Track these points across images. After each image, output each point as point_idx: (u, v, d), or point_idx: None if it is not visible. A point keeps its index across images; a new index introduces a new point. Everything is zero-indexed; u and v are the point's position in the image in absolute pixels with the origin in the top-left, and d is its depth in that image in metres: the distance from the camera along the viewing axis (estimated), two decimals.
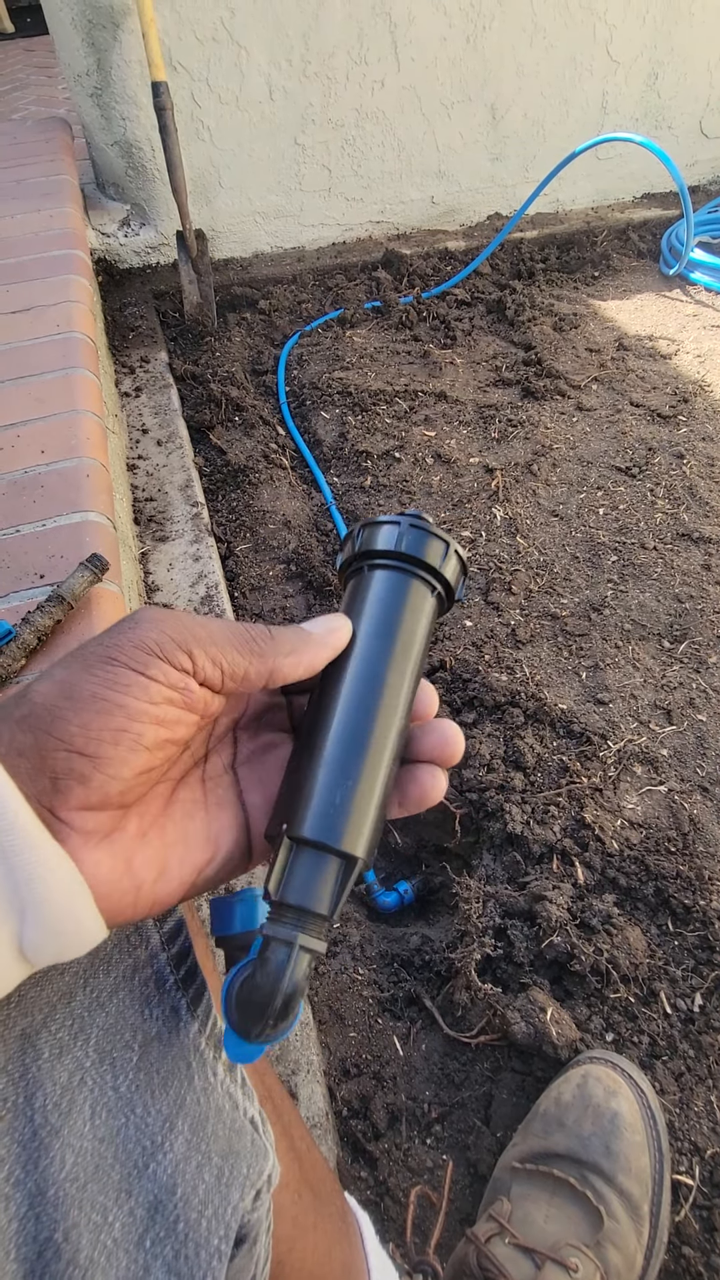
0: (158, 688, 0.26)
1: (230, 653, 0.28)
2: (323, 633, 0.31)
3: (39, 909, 0.23)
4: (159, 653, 0.26)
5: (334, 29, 1.60)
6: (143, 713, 0.25)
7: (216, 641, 0.27)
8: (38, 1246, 0.23)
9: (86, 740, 0.24)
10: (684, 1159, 0.65)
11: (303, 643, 0.30)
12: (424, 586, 0.33)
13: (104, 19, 1.45)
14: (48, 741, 0.24)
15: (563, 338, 1.66)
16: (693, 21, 1.88)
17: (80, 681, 0.25)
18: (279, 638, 0.29)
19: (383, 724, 0.30)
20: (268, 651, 0.29)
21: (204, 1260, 0.25)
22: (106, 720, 0.25)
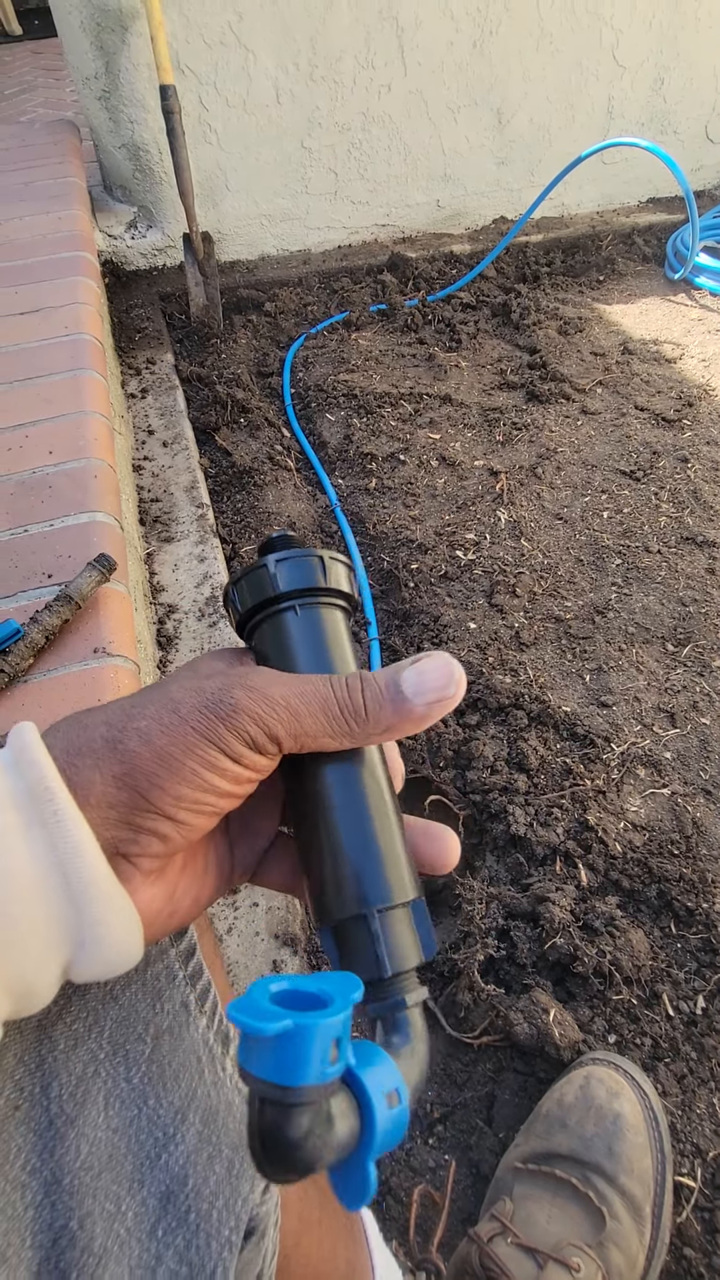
0: (245, 773, 0.27)
1: (320, 736, 0.27)
2: (425, 706, 0.27)
3: (98, 946, 0.25)
4: (253, 745, 0.26)
5: (341, 33, 1.61)
6: (229, 792, 0.27)
7: (306, 729, 0.27)
8: (53, 1234, 0.24)
9: (177, 809, 0.26)
10: (686, 1161, 0.65)
11: (400, 720, 0.28)
12: (341, 614, 0.32)
13: (112, 22, 1.46)
14: (141, 803, 0.25)
15: (567, 341, 1.66)
16: (699, 27, 1.88)
17: (180, 755, 0.26)
18: (375, 718, 0.27)
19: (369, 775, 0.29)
20: (359, 734, 0.28)
21: (215, 1251, 0.25)
22: (199, 796, 0.26)
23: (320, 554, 0.32)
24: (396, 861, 0.28)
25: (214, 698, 0.27)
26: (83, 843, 0.24)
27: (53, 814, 0.24)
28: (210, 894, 0.31)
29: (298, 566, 0.31)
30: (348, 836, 0.28)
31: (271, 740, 0.27)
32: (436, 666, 0.28)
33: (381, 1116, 0.22)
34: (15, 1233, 0.24)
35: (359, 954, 0.27)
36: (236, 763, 0.26)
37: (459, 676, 0.28)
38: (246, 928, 0.74)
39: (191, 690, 0.27)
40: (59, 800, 0.24)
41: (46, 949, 0.24)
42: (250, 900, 0.77)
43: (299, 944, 0.74)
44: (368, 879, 0.28)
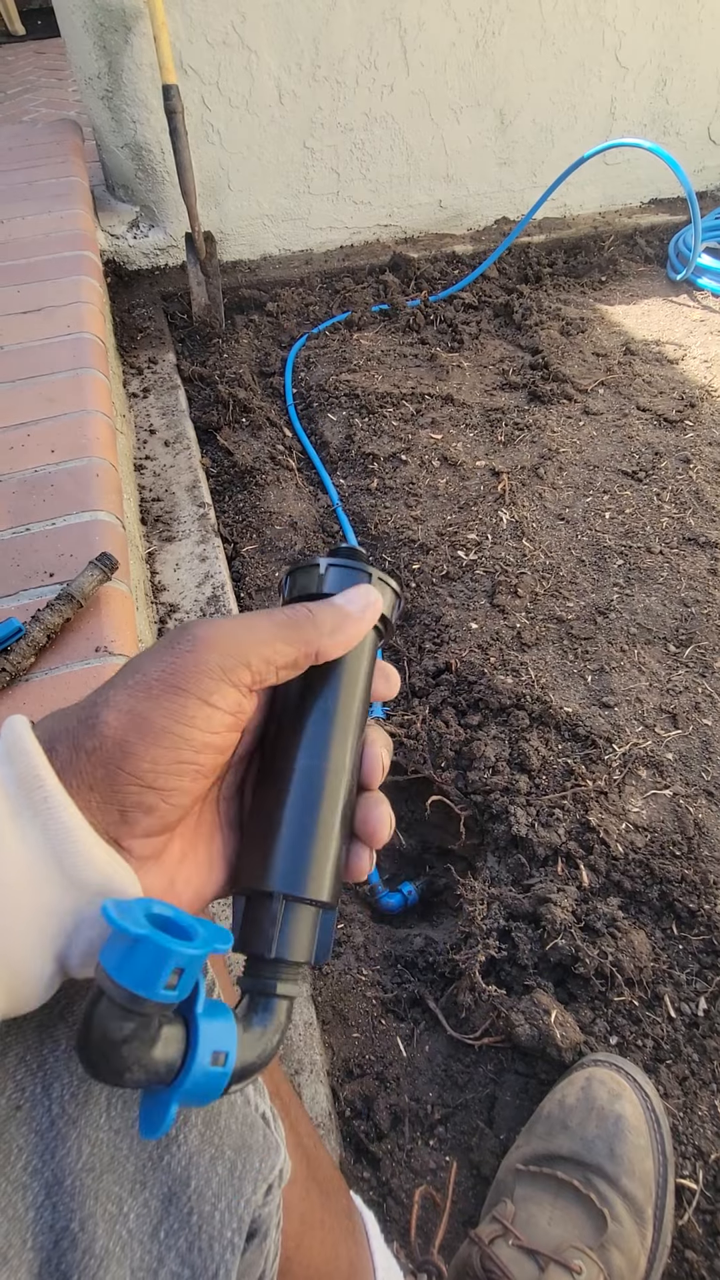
0: (220, 715, 0.27)
1: (280, 645, 0.28)
2: (359, 607, 0.32)
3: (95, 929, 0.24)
4: (221, 675, 0.26)
5: (344, 33, 1.61)
6: (207, 743, 0.27)
7: (265, 640, 0.28)
8: (54, 1235, 0.24)
9: (156, 775, 0.25)
10: (687, 1163, 0.65)
11: (343, 619, 0.31)
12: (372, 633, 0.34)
13: (115, 22, 1.46)
14: (119, 776, 0.25)
15: (569, 342, 1.66)
16: (701, 28, 1.88)
17: (150, 714, 0.25)
18: (320, 618, 0.30)
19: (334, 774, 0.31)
20: (312, 635, 0.30)
21: (217, 1252, 0.25)
22: (176, 754, 0.26)
23: (370, 570, 0.34)
24: (326, 861, 0.29)
25: (173, 640, 0.27)
26: (74, 826, 0.24)
27: (42, 800, 0.24)
28: (215, 889, 0.31)
29: (347, 575, 0.34)
30: (295, 817, 0.29)
31: (241, 664, 0.27)
32: (356, 588, 0.33)
33: (199, 1066, 0.23)
34: (16, 1234, 0.24)
35: (256, 927, 0.28)
36: (207, 703, 0.26)
37: (375, 591, 0.33)
38: None
39: (152, 650, 0.27)
40: (48, 786, 0.24)
41: (42, 939, 0.24)
42: None
43: None
44: (295, 863, 0.29)
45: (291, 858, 0.29)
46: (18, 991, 0.24)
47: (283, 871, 0.29)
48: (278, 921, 0.28)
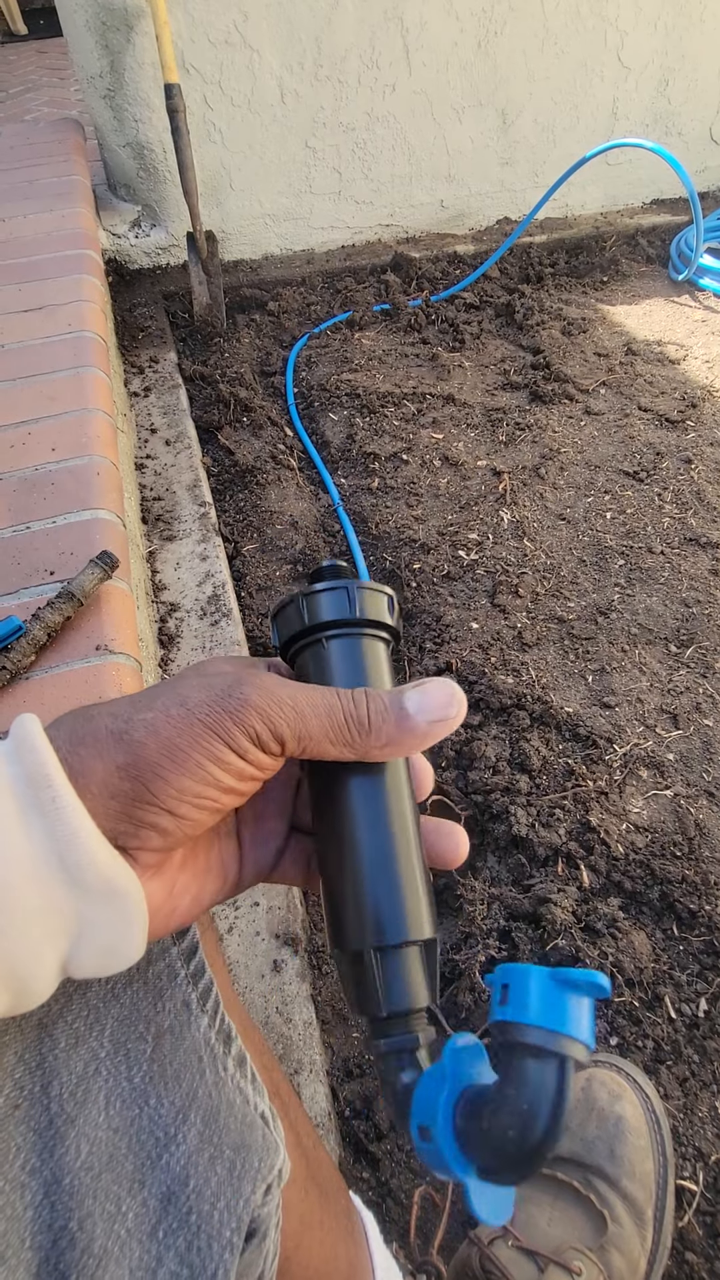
0: (251, 769, 0.27)
1: (323, 742, 0.28)
2: (428, 724, 0.28)
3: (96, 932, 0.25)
4: (258, 741, 0.26)
5: (346, 33, 1.61)
6: (232, 788, 0.27)
7: (311, 732, 0.27)
8: (53, 1235, 0.24)
9: (179, 803, 0.26)
10: (688, 1164, 0.65)
11: (403, 735, 0.28)
12: (382, 645, 0.33)
13: (118, 21, 1.46)
14: (144, 795, 0.25)
15: (571, 342, 1.66)
16: (704, 28, 1.88)
17: (186, 747, 0.26)
18: (377, 730, 0.28)
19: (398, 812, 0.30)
20: (360, 744, 0.28)
21: (216, 1252, 0.25)
22: (202, 789, 0.26)
23: (348, 585, 0.32)
24: (415, 895, 0.29)
25: (223, 692, 0.27)
26: (80, 828, 0.24)
27: (50, 800, 0.24)
28: (213, 894, 0.31)
29: (328, 600, 0.32)
30: (371, 869, 0.28)
31: (276, 739, 0.27)
32: (439, 687, 0.29)
33: None
34: (14, 1233, 0.23)
35: (365, 985, 0.28)
36: (241, 758, 0.26)
37: (460, 698, 0.29)
38: (247, 927, 0.74)
39: (200, 686, 0.27)
40: (56, 786, 0.24)
41: (43, 938, 0.24)
42: (251, 900, 0.76)
43: (299, 943, 0.74)
44: (385, 914, 0.28)
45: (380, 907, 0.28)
46: (19, 990, 0.24)
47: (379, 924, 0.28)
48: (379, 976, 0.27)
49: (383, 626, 0.33)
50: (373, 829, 0.29)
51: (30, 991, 0.24)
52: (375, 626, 0.32)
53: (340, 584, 0.32)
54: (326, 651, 0.32)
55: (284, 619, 0.33)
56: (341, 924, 0.29)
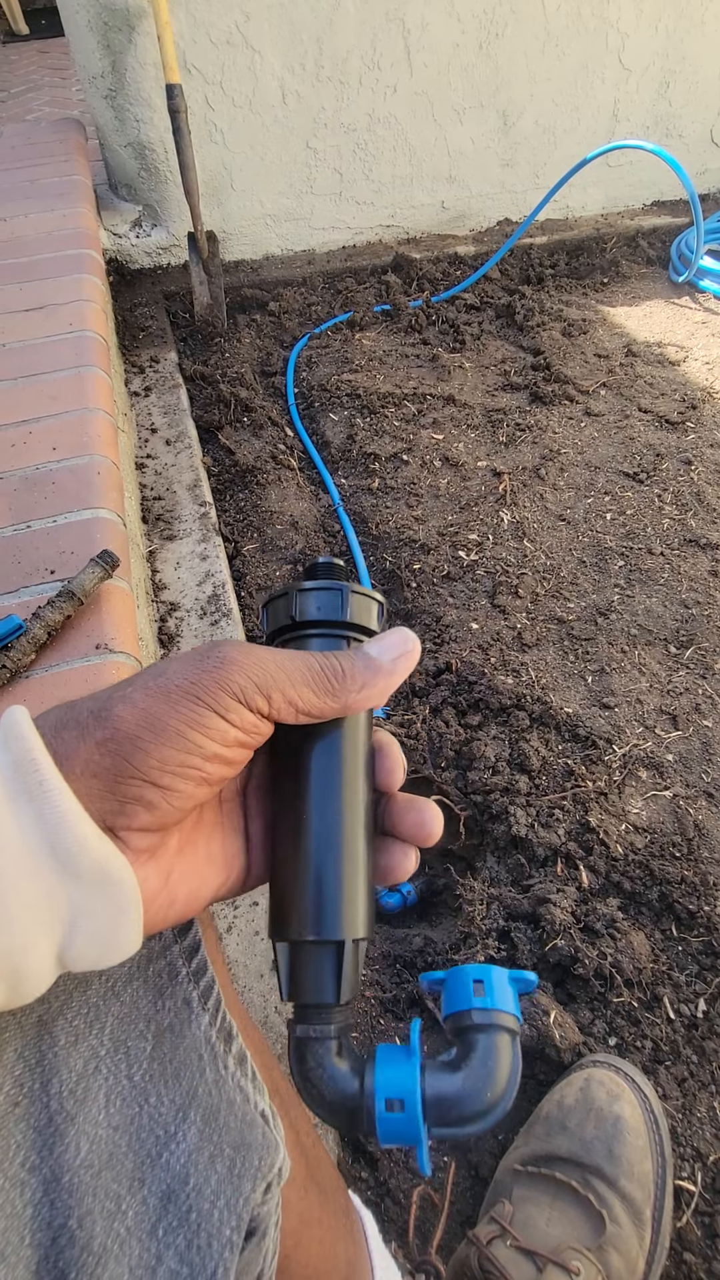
0: (235, 732, 0.27)
1: (306, 693, 0.28)
2: (392, 662, 0.31)
3: (92, 919, 0.24)
4: (241, 698, 0.27)
5: (348, 34, 1.61)
6: (216, 754, 0.27)
7: (294, 682, 0.28)
8: (52, 1233, 0.24)
9: (161, 773, 0.26)
10: (686, 1164, 0.65)
11: (374, 675, 0.30)
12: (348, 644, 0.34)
13: (119, 22, 1.46)
14: (125, 768, 0.25)
15: (571, 343, 1.66)
16: (705, 31, 1.88)
17: (164, 715, 0.26)
18: (351, 674, 0.30)
19: (351, 810, 0.31)
20: (342, 690, 0.29)
21: (215, 1251, 0.25)
22: (184, 758, 0.26)
23: (341, 587, 0.33)
24: (353, 896, 0.30)
25: (202, 655, 0.27)
26: (69, 811, 0.24)
27: (38, 784, 0.24)
28: (215, 887, 0.31)
29: (320, 599, 0.33)
30: (317, 865, 0.30)
31: (261, 693, 0.27)
32: (392, 632, 0.32)
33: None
34: (14, 1231, 0.23)
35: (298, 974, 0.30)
36: (224, 718, 0.26)
37: (413, 637, 0.32)
38: (246, 926, 0.74)
39: (179, 659, 0.28)
40: (44, 770, 0.24)
41: (37, 929, 0.24)
42: (250, 899, 0.76)
43: None
44: (325, 911, 0.29)
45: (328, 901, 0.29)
46: (14, 981, 0.24)
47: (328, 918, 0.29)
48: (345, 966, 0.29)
49: (368, 633, 0.33)
50: (323, 826, 0.30)
51: (26, 983, 0.24)
52: (361, 632, 0.33)
53: (334, 585, 0.33)
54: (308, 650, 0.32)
55: (274, 610, 0.33)
56: (284, 914, 0.30)
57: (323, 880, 0.30)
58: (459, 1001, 0.31)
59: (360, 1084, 0.29)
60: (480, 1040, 0.30)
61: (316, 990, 0.29)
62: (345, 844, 0.30)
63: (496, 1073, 0.29)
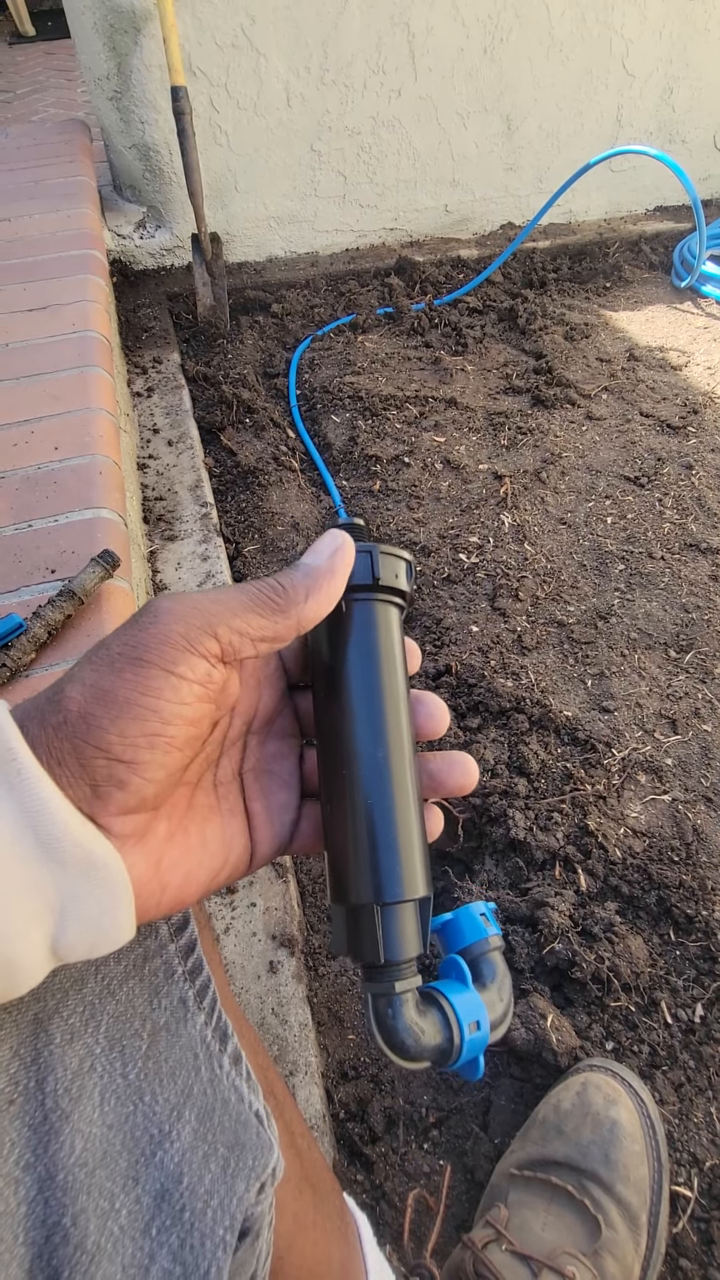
0: (188, 686, 0.26)
1: (253, 619, 0.28)
2: (327, 562, 0.31)
3: (81, 905, 0.24)
4: (186, 645, 0.26)
5: (353, 38, 1.61)
6: (175, 714, 0.26)
7: (236, 612, 0.27)
8: (46, 1230, 0.24)
9: (124, 747, 0.25)
10: (683, 1170, 0.65)
11: (315, 580, 0.30)
12: (395, 610, 0.34)
13: (125, 24, 1.47)
14: (86, 750, 0.25)
15: (573, 347, 1.67)
16: (709, 37, 1.89)
17: (113, 687, 0.25)
18: (291, 586, 0.29)
19: (400, 772, 0.31)
20: (287, 604, 0.29)
21: (209, 1250, 0.25)
22: (142, 726, 0.25)
23: (371, 549, 0.33)
24: (411, 856, 0.31)
25: (136, 616, 0.27)
26: (50, 799, 0.23)
27: (16, 773, 0.23)
28: (212, 873, 0.30)
29: (394, 563, 0.33)
30: (377, 828, 0.31)
31: (207, 633, 0.26)
32: (321, 538, 0.32)
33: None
34: (8, 1229, 0.23)
35: (362, 936, 0.31)
36: (172, 673, 0.26)
37: (340, 532, 0.32)
38: (244, 928, 0.74)
39: (120, 627, 0.27)
40: (21, 759, 0.24)
41: (27, 918, 0.23)
42: (248, 901, 0.76)
43: (296, 945, 0.74)
44: (383, 870, 0.30)
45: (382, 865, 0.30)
46: (7, 972, 0.23)
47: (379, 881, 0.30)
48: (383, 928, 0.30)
49: (398, 593, 0.34)
50: (378, 794, 0.31)
51: (19, 973, 0.24)
52: (392, 593, 0.33)
53: (364, 547, 0.33)
54: (345, 614, 0.33)
55: None
56: (344, 880, 0.31)
57: (391, 844, 0.30)
58: (475, 933, 0.38)
59: (446, 1020, 0.32)
60: (498, 960, 0.37)
61: (403, 946, 0.30)
62: (405, 806, 0.31)
63: (510, 983, 0.37)
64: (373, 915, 0.30)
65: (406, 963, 0.31)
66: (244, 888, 0.77)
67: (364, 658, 0.32)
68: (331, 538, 0.31)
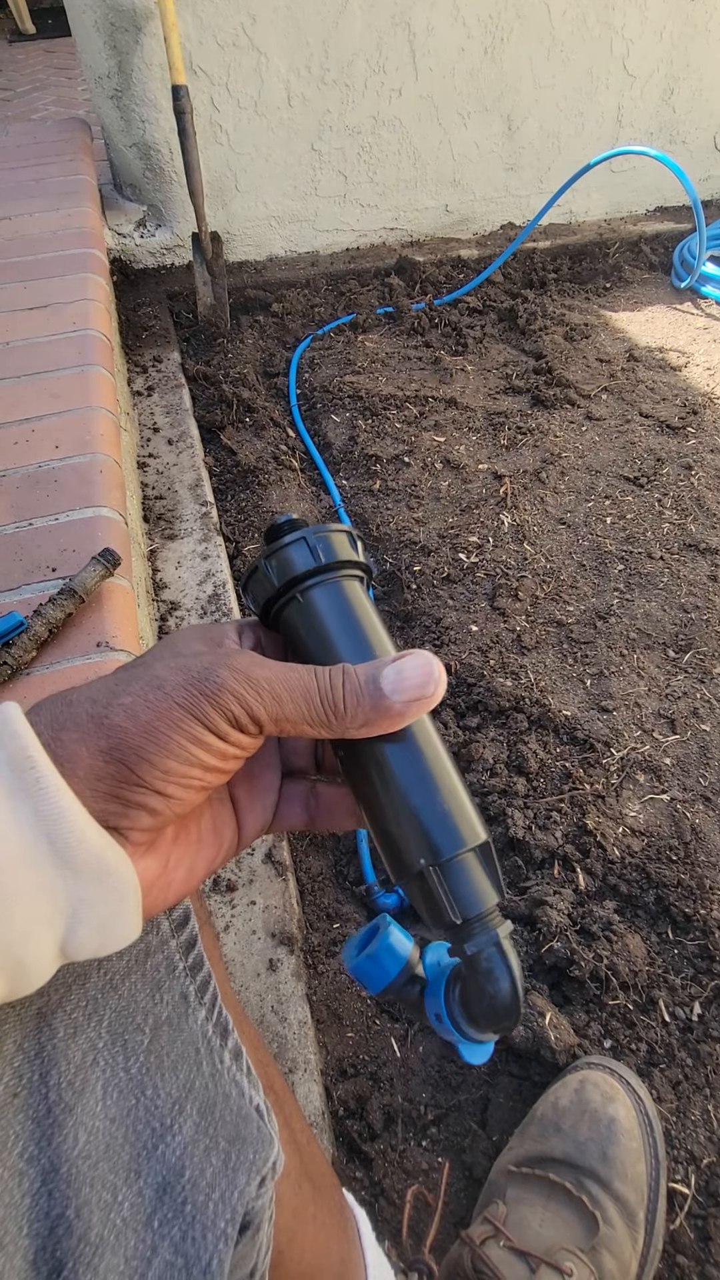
0: (231, 749, 0.27)
1: (300, 724, 0.28)
2: (403, 703, 0.28)
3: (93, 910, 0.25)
4: (235, 723, 0.27)
5: (354, 37, 1.61)
6: (215, 766, 0.27)
7: (287, 714, 0.28)
8: (50, 1222, 0.24)
9: (166, 784, 0.26)
10: (680, 1167, 0.65)
11: (378, 716, 0.28)
12: (357, 582, 0.33)
13: (126, 22, 1.47)
14: (130, 777, 0.26)
15: (573, 347, 1.67)
16: (709, 38, 1.89)
17: (166, 729, 0.26)
18: (352, 710, 0.28)
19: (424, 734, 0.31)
20: (339, 725, 0.28)
21: (210, 1242, 0.25)
22: (186, 770, 0.26)
23: (305, 535, 0.32)
24: (462, 808, 0.30)
25: (199, 675, 0.27)
26: (68, 809, 0.24)
27: (34, 781, 0.24)
28: (208, 862, 0.31)
29: (291, 554, 0.32)
30: (411, 795, 0.30)
31: (253, 721, 0.27)
32: (417, 665, 0.28)
33: None
34: (12, 1220, 0.24)
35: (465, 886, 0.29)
36: (221, 739, 0.27)
37: (439, 675, 0.29)
38: (243, 926, 0.74)
39: (176, 669, 0.27)
40: (40, 768, 0.24)
41: (37, 921, 0.24)
42: (248, 899, 0.76)
43: (295, 943, 0.74)
44: (437, 829, 0.29)
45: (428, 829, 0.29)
46: (17, 973, 0.24)
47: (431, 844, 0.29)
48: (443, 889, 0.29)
49: (351, 564, 0.33)
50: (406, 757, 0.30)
51: (29, 974, 0.24)
52: (344, 566, 0.33)
53: (296, 535, 0.32)
54: (306, 605, 0.32)
55: (256, 585, 0.33)
56: (399, 853, 0.30)
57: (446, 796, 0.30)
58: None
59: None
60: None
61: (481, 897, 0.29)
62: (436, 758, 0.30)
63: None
64: (462, 866, 0.29)
65: (488, 913, 0.30)
66: (244, 886, 0.77)
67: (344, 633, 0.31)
68: (425, 672, 0.28)
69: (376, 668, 0.29)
